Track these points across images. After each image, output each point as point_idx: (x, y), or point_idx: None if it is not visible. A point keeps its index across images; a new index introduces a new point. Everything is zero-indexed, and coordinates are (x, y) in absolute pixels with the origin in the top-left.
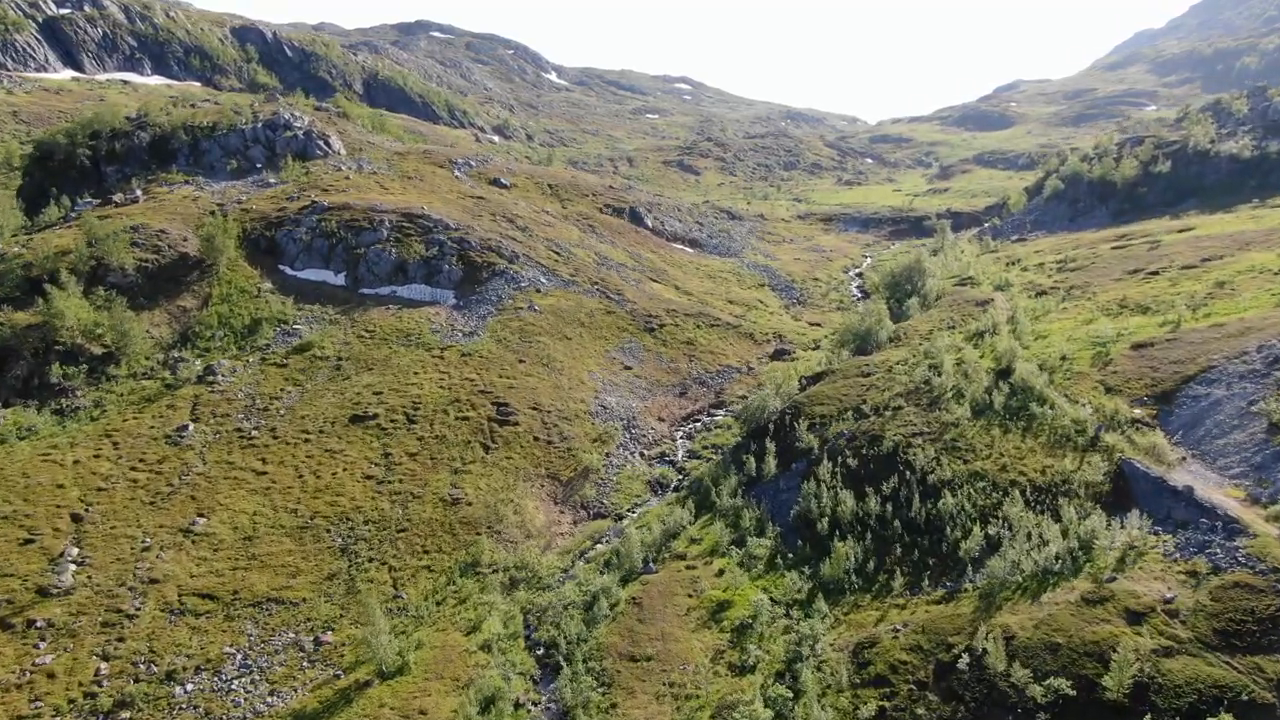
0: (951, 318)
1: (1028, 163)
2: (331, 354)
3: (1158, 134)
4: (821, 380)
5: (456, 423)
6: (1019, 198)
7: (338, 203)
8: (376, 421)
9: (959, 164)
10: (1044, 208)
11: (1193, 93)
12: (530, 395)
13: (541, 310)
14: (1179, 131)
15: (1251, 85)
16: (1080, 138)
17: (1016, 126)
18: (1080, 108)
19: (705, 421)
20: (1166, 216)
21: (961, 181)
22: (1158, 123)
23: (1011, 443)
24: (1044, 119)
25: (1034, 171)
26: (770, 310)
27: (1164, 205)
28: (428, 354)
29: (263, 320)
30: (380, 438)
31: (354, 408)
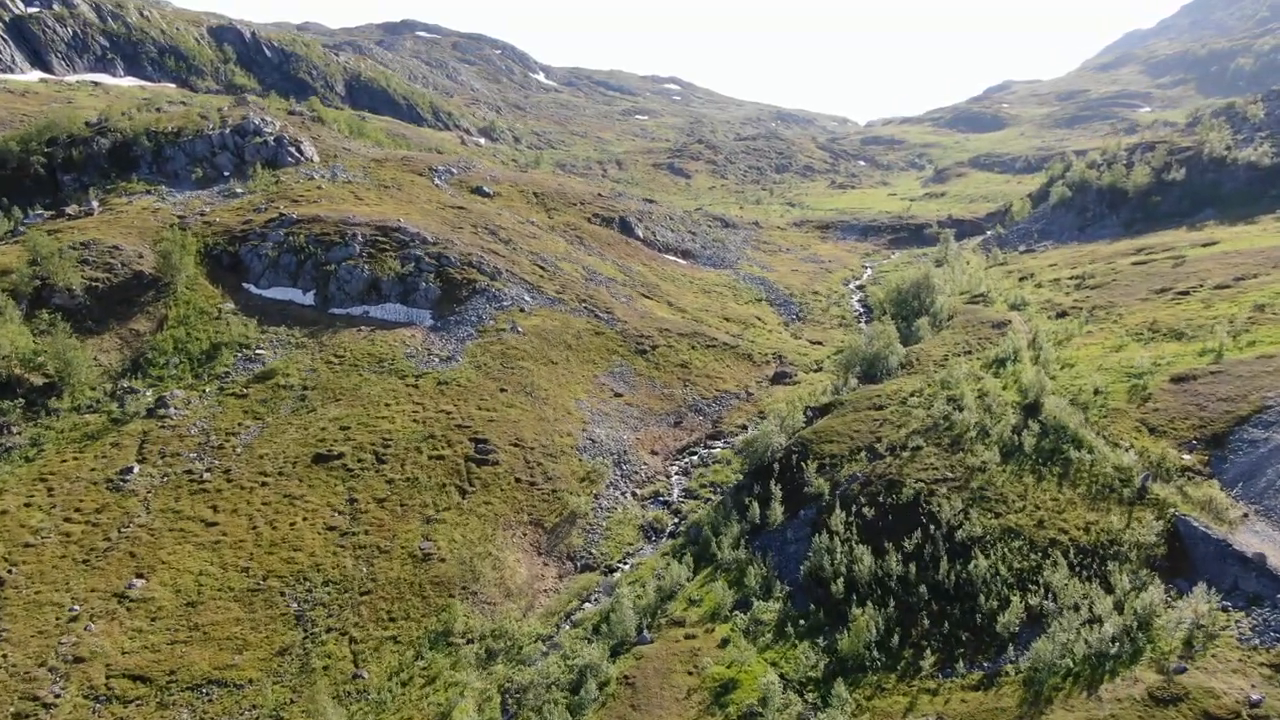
0: (967, 341)
1: (1025, 166)
2: (296, 382)
3: (1170, 140)
4: (829, 413)
5: (430, 463)
6: (1023, 205)
7: (308, 215)
8: (342, 461)
9: (954, 167)
10: (1050, 216)
11: (1187, 94)
12: (512, 429)
13: (525, 332)
14: (1191, 137)
15: (1247, 87)
16: (1075, 139)
17: (1010, 128)
18: (1074, 109)
19: (702, 455)
20: (1184, 227)
21: (958, 185)
22: (1168, 128)
23: (1048, 493)
24: (1037, 120)
25: (1033, 176)
26: (769, 328)
27: (1179, 215)
28: (401, 382)
29: (223, 345)
30: (346, 480)
31: (318, 445)
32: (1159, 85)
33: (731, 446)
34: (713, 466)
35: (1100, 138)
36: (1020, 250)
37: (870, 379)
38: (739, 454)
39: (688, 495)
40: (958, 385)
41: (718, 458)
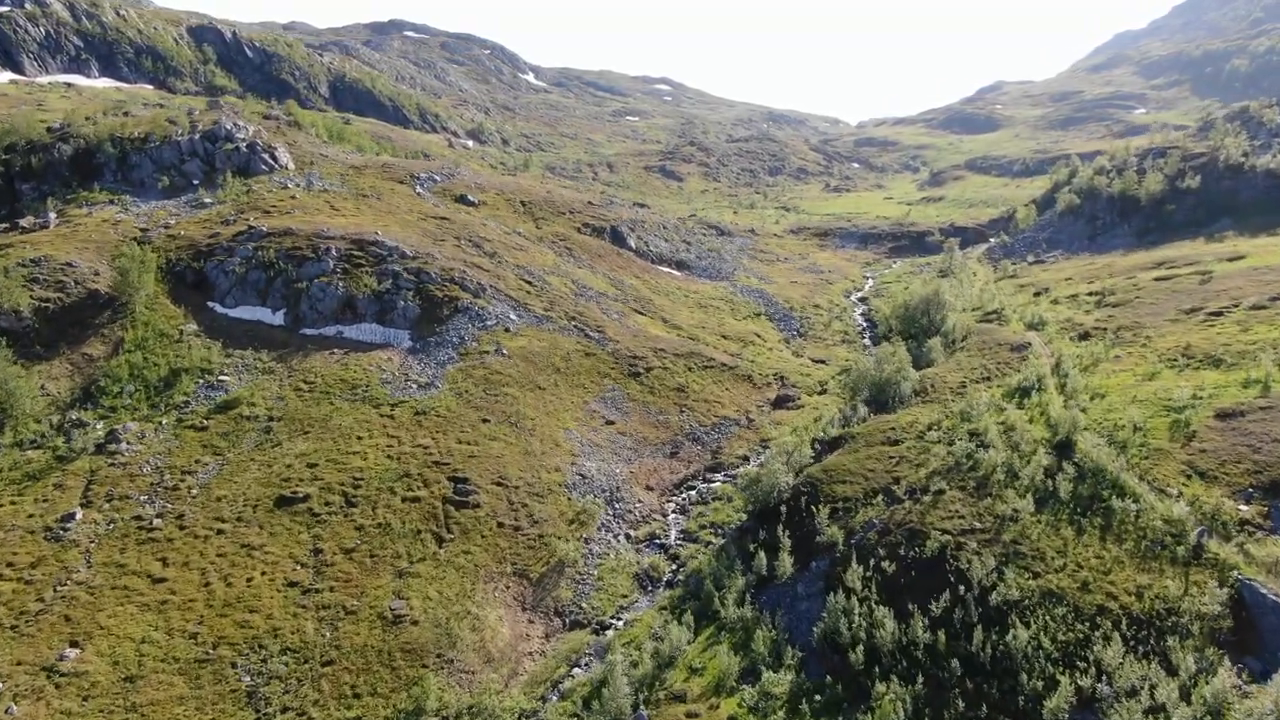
0: (984, 365)
1: (1023, 169)
2: (262, 412)
3: (1183, 145)
4: (840, 448)
5: (405, 506)
6: (1028, 212)
7: (279, 227)
8: (308, 505)
9: (950, 170)
10: (1058, 224)
11: (1182, 95)
12: (495, 466)
13: (510, 354)
14: (1204, 143)
15: (1243, 88)
16: (1071, 141)
17: (1004, 130)
18: (1068, 110)
19: (701, 490)
20: (1201, 238)
21: (955, 189)
22: (1178, 130)
23: (1090, 549)
24: (1031, 122)
25: (1032, 179)
26: (769, 345)
27: (1195, 225)
28: (375, 412)
29: (183, 371)
30: (311, 527)
31: (282, 485)
32: (1153, 86)
33: (733, 480)
34: (713, 504)
35: (1097, 139)
36: (1029, 261)
37: (881, 406)
38: (743, 491)
39: (686, 538)
40: (980, 418)
41: (718, 493)
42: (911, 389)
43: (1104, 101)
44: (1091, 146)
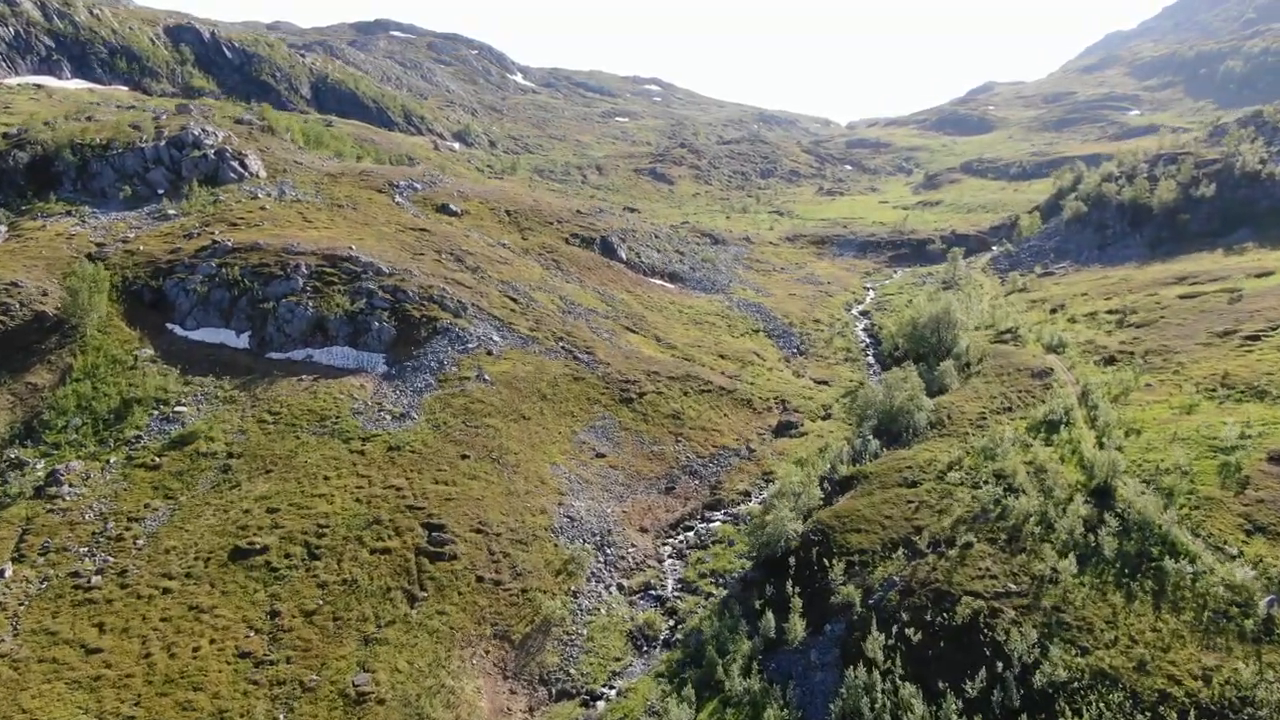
0: (1004, 394)
1: (1020, 172)
2: (221, 448)
3: (1195, 151)
4: (852, 489)
5: (374, 558)
6: (1032, 220)
7: (245, 242)
8: (266, 558)
9: (945, 173)
10: (1065, 233)
11: (1176, 96)
12: (474, 509)
13: (493, 380)
14: (1218, 149)
15: (1237, 90)
16: (1065, 143)
17: (997, 131)
18: (1061, 111)
19: (700, 531)
20: (1219, 250)
21: (952, 192)
22: (1182, 134)
23: (1144, 619)
24: (1025, 123)
25: (1029, 183)
26: (768, 365)
27: (1211, 235)
28: (345, 448)
29: (136, 401)
30: (268, 584)
31: (238, 535)
32: (1147, 88)
33: (734, 520)
34: (713, 548)
35: (1093, 141)
36: (1038, 273)
37: (893, 438)
38: (747, 536)
39: (685, 588)
40: (1005, 456)
41: (718, 535)
42: (927, 420)
43: (1097, 103)
44: (1089, 149)
